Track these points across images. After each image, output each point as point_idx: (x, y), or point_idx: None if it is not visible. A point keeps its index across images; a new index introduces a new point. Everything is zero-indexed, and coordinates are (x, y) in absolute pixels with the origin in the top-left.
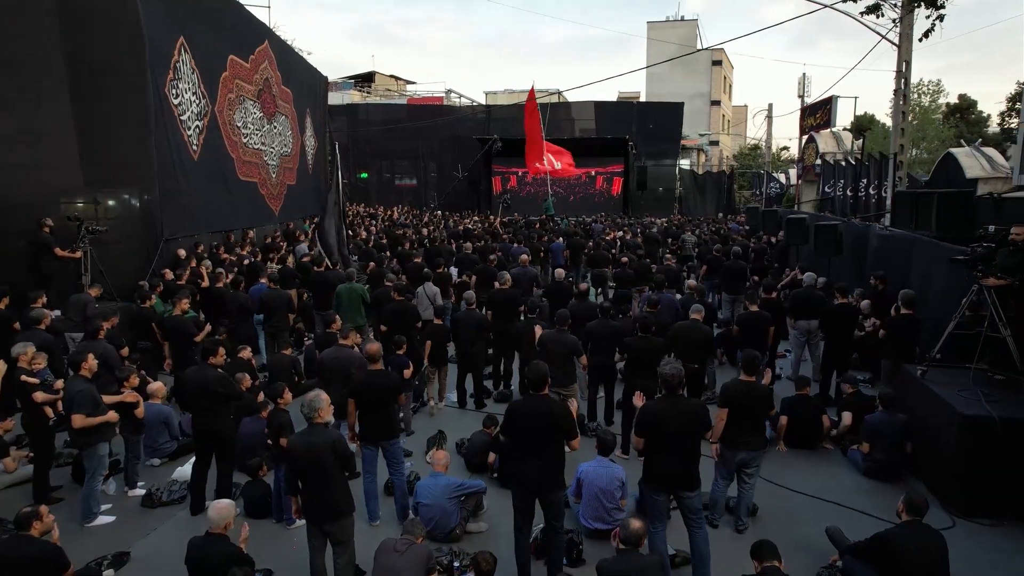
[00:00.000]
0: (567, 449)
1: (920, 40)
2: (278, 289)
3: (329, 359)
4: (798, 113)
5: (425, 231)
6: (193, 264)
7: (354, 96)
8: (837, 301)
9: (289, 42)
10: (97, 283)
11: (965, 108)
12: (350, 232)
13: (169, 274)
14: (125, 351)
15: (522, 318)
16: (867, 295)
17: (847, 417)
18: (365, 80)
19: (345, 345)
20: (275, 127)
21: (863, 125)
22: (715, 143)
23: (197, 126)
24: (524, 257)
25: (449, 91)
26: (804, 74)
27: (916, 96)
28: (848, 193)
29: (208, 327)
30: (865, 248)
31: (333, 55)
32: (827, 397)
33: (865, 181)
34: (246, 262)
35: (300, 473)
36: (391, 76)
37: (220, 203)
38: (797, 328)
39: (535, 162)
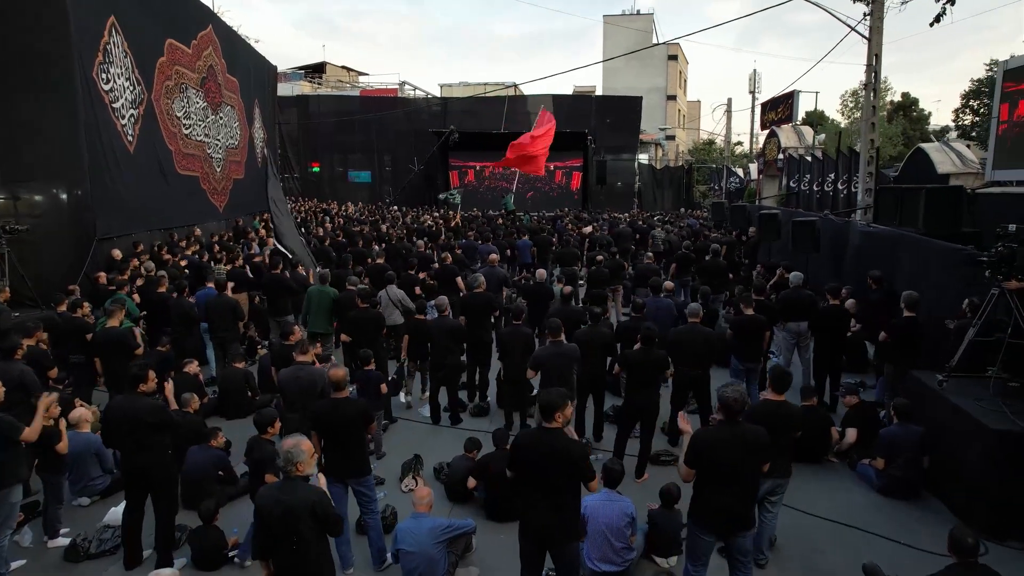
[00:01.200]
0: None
1: (931, 25)
2: (224, 295)
3: (288, 380)
4: (749, 109)
5: (384, 227)
6: (135, 265)
7: (304, 87)
8: (829, 302)
9: (235, 29)
10: (4, 287)
11: (908, 106)
12: (303, 230)
13: (103, 278)
14: (54, 372)
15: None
16: (862, 295)
17: (852, 434)
18: (316, 71)
19: (305, 362)
20: (220, 118)
21: (813, 121)
22: (671, 138)
23: (132, 115)
24: (493, 256)
25: (403, 83)
26: (755, 70)
27: (865, 93)
28: (815, 188)
29: (140, 345)
30: (844, 245)
31: (281, 45)
32: (823, 404)
33: (833, 176)
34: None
35: (270, 538)
36: (343, 67)
37: (159, 199)
38: (786, 330)
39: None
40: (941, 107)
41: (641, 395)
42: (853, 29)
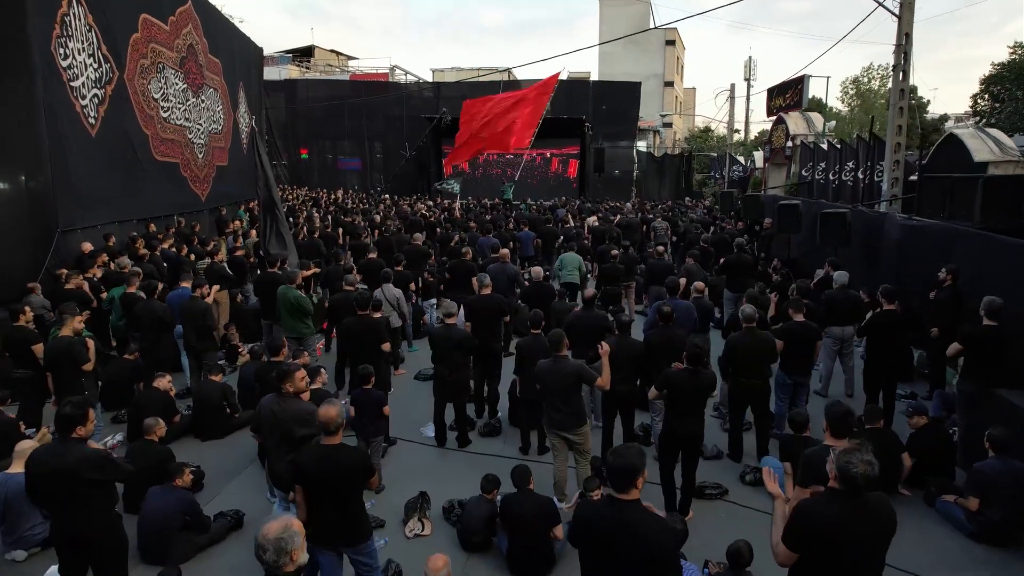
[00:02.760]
0: None
1: None
2: (197, 298)
3: (268, 412)
4: (745, 97)
5: (377, 218)
6: (103, 260)
7: (292, 71)
8: (883, 307)
9: (218, 8)
10: None
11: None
12: (291, 219)
13: (65, 275)
14: None
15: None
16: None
17: (906, 458)
18: (304, 54)
19: (289, 394)
20: (203, 101)
21: (811, 109)
22: (668, 125)
23: (95, 95)
24: (504, 251)
25: (394, 67)
26: (750, 57)
27: (867, 80)
28: (831, 177)
29: (92, 358)
30: (879, 239)
31: (268, 29)
32: None
33: (852, 164)
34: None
35: None
36: (332, 51)
37: (132, 187)
38: (829, 335)
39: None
40: (936, 95)
41: (686, 423)
42: (881, 4)
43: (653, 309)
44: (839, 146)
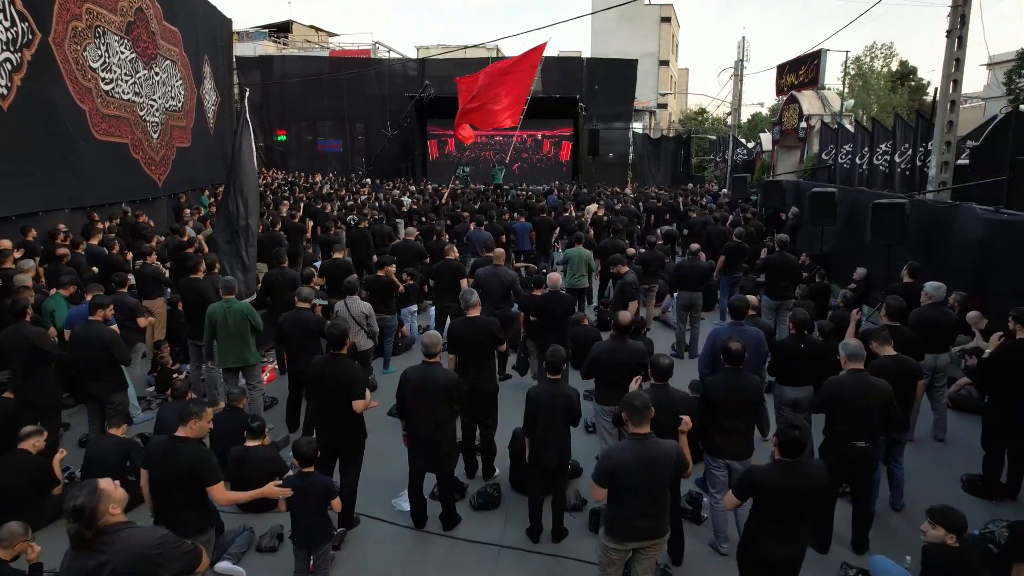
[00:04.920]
0: None
1: None
2: (95, 322)
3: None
4: (737, 77)
5: (349, 204)
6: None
7: (268, 47)
8: (1018, 335)
9: None
10: None
11: (907, 75)
12: (262, 208)
13: None
14: None
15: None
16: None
17: None
18: (281, 30)
19: (108, 531)
20: (156, 74)
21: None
22: (663, 106)
23: (8, 60)
24: (499, 251)
25: (376, 43)
26: (744, 37)
27: (868, 60)
28: (858, 161)
29: None
30: (948, 236)
31: (242, 1)
32: (997, 486)
33: (885, 147)
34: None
35: None
36: (311, 26)
37: (62, 170)
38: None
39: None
40: (934, 77)
41: (782, 544)
42: None
43: (713, 342)
44: (870, 127)
